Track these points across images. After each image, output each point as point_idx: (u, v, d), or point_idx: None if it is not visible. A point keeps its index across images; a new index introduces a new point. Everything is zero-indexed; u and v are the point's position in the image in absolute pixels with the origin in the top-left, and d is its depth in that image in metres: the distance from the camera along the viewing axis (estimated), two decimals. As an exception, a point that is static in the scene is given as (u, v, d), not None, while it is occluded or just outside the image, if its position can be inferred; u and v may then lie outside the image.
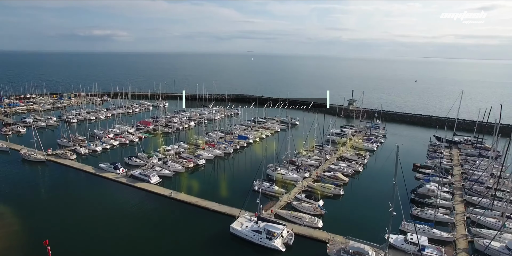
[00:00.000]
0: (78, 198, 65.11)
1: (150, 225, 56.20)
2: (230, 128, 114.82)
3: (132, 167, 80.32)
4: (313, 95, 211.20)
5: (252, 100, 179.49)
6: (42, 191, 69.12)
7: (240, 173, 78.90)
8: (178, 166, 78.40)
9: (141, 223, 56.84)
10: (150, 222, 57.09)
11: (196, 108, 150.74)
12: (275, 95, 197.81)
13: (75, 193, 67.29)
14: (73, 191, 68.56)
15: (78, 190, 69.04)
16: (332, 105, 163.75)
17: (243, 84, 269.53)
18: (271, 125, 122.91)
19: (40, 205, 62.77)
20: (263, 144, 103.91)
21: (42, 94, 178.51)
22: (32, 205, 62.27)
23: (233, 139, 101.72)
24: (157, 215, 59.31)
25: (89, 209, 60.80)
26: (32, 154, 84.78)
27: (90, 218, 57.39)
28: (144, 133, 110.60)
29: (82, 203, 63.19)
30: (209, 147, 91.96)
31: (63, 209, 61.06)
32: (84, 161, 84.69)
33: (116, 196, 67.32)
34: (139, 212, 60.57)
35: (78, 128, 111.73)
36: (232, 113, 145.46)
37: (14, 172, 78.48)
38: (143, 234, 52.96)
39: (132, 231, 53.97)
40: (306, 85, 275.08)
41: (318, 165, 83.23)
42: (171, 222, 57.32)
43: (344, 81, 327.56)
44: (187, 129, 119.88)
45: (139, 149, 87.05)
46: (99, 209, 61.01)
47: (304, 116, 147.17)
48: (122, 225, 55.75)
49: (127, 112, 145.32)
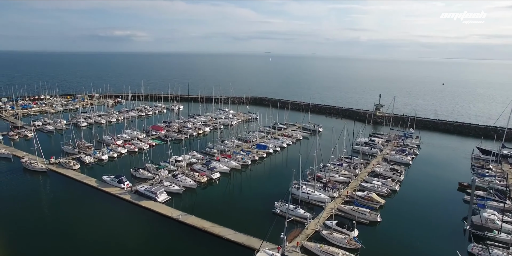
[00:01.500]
0: (77, 218, 57.39)
1: (154, 254, 47.79)
2: (248, 135, 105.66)
3: (139, 180, 72.33)
4: (335, 98, 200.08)
5: (271, 103, 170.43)
6: (38, 208, 61.53)
7: (259, 191, 69.38)
8: (190, 181, 69.70)
9: (145, 250, 48.59)
10: (154, 250, 48.67)
11: (212, 111, 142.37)
12: (296, 98, 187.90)
13: (73, 212, 59.60)
14: (72, 208, 60.88)
15: (77, 207, 61.30)
16: (356, 110, 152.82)
17: (262, 86, 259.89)
18: (292, 132, 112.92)
19: (33, 226, 55.20)
20: (284, 155, 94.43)
21: (55, 95, 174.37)
22: (23, 226, 54.85)
23: (251, 149, 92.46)
24: (163, 242, 50.73)
25: (87, 232, 53.10)
26: (33, 163, 78.03)
27: (87, 244, 49.70)
28: (155, 139, 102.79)
29: (80, 224, 55.49)
30: (225, 158, 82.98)
31: (58, 231, 53.55)
32: (88, 172, 77.27)
33: (119, 216, 59.20)
34: (143, 237, 52.25)
35: (87, 132, 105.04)
36: (250, 118, 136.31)
37: (11, 183, 71.72)
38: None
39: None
40: (327, 88, 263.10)
41: (348, 182, 72.98)
42: (178, 252, 48.76)
43: (366, 83, 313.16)
44: (201, 135, 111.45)
45: (148, 158, 78.98)
46: (99, 232, 53.22)
47: (327, 121, 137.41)
48: (123, 253, 47.63)
49: (139, 115, 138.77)
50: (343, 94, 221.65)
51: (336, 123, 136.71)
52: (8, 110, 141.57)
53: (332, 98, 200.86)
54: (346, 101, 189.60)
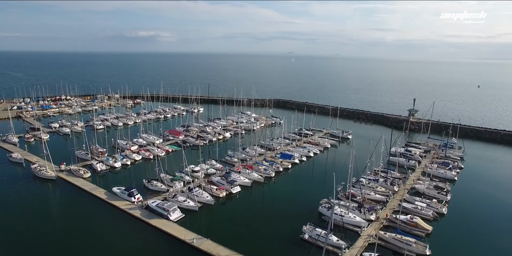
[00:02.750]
0: (81, 234, 51.99)
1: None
2: (271, 142, 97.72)
3: (151, 192, 66.00)
4: (364, 101, 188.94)
5: (296, 107, 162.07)
6: (41, 221, 56.22)
7: (284, 209, 61.26)
8: (206, 195, 62.59)
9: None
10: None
11: (233, 115, 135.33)
12: (321, 101, 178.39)
13: (78, 227, 54.06)
14: (77, 223, 55.33)
15: (83, 222, 55.60)
16: (387, 115, 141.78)
17: (285, 88, 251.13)
18: (319, 140, 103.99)
19: (34, 239, 50.43)
20: (311, 166, 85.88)
21: (76, 95, 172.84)
22: (25, 239, 49.91)
23: (275, 159, 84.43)
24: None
25: (90, 250, 47.84)
26: (43, 170, 73.31)
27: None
28: (172, 145, 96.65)
29: (83, 241, 50.25)
30: (246, 169, 75.40)
31: (60, 247, 48.73)
32: (99, 181, 71.75)
33: (126, 235, 52.77)
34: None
35: (102, 136, 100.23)
36: (273, 122, 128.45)
37: (19, 191, 67.23)
38: None
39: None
40: (354, 90, 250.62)
41: (385, 201, 63.75)
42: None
43: (396, 86, 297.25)
44: (221, 140, 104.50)
45: (163, 167, 72.64)
46: (103, 252, 47.63)
47: (356, 127, 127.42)
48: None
49: (158, 118, 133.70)
50: (372, 97, 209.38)
51: (366, 129, 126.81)
52: (28, 111, 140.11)
53: (361, 101, 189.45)
54: (376, 105, 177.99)
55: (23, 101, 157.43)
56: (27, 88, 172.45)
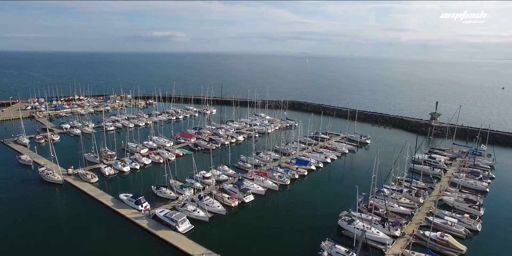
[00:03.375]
0: (84, 243, 49.27)
1: None
2: (286, 146, 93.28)
3: (160, 199, 62.63)
4: (381, 104, 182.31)
5: (311, 109, 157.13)
6: (44, 228, 53.63)
7: (300, 221, 56.89)
8: (218, 205, 58.72)
9: None
10: None
11: (247, 117, 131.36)
12: (337, 103, 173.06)
13: (81, 235, 51.43)
14: (80, 231, 52.63)
15: (87, 230, 52.73)
16: (407, 118, 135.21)
17: (300, 89, 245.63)
18: (337, 144, 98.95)
19: (35, 247, 47.70)
20: (328, 173, 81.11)
21: (89, 95, 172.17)
22: (25, 246, 46.95)
23: (290, 165, 80.00)
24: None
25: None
26: (50, 173, 70.92)
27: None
28: (183, 148, 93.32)
29: (85, 251, 47.13)
30: (260, 176, 71.26)
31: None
32: (106, 186, 68.90)
33: (131, 246, 49.41)
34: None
35: (112, 138, 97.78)
36: (288, 125, 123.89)
37: (25, 195, 64.99)
38: None
39: None
40: (371, 92, 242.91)
41: (410, 215, 58.57)
42: None
43: (414, 87, 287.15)
44: (234, 144, 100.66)
45: (173, 172, 69.31)
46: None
47: (374, 131, 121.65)
48: None
49: (169, 119, 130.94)
50: (390, 100, 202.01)
51: (385, 133, 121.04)
52: (41, 111, 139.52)
53: (378, 103, 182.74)
54: (394, 107, 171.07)
55: (37, 101, 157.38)
56: (40, 88, 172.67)
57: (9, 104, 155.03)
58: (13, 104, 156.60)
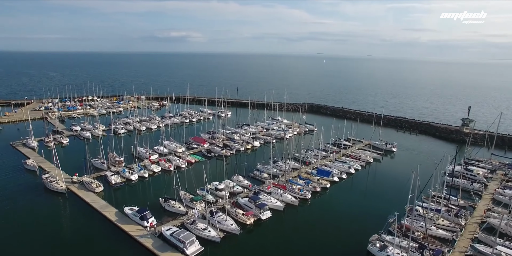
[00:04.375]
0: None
1: None
2: (306, 154, 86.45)
3: (168, 214, 57.05)
4: (406, 107, 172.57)
5: (330, 112, 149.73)
6: (41, 243, 48.93)
7: (323, 245, 50.08)
8: (231, 223, 52.53)
9: None
10: None
11: (263, 121, 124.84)
12: (358, 106, 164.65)
13: (79, 254, 45.88)
14: (78, 249, 47.42)
15: (85, 248, 47.46)
16: (435, 124, 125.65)
17: (318, 91, 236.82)
18: (360, 153, 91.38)
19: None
20: (352, 185, 73.87)
21: (103, 96, 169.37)
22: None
23: (311, 176, 73.14)
24: None
25: None
26: (53, 181, 66.45)
27: None
28: (195, 154, 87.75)
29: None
30: (278, 189, 64.75)
31: None
32: (111, 196, 63.83)
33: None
34: None
35: (122, 142, 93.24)
36: (306, 130, 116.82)
37: (25, 205, 60.47)
38: None
39: None
40: (393, 94, 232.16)
41: (452, 240, 50.88)
42: None
43: (438, 89, 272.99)
44: (249, 150, 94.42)
45: (184, 181, 63.71)
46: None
47: (399, 138, 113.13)
48: None
49: (183, 122, 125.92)
50: (414, 103, 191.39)
51: (411, 140, 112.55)
52: (54, 112, 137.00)
53: (401, 107, 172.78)
54: (419, 111, 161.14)
55: (51, 101, 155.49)
56: (56, 88, 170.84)
57: (23, 105, 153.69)
58: (28, 104, 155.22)
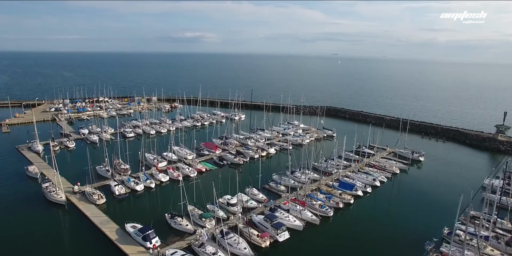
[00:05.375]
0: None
1: None
2: (326, 163, 79.48)
3: (174, 231, 51.28)
4: (428, 111, 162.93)
5: (349, 116, 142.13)
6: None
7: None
8: (244, 246, 46.22)
9: None
10: None
11: (279, 125, 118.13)
12: (379, 109, 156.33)
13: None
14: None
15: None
16: (464, 130, 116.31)
17: (335, 93, 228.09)
18: (385, 162, 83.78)
19: None
20: (378, 200, 66.55)
21: (114, 97, 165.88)
22: None
23: (332, 190, 66.20)
24: None
25: None
26: (53, 191, 61.62)
27: None
28: (206, 162, 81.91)
29: None
30: (296, 205, 58.11)
31: None
32: (113, 210, 58.56)
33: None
34: None
35: (131, 146, 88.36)
36: (325, 135, 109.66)
37: (21, 220, 55.68)
38: None
39: None
40: (414, 97, 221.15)
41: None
42: None
43: (462, 92, 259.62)
44: (264, 158, 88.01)
45: (193, 194, 57.92)
46: None
47: (426, 145, 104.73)
48: None
49: (194, 126, 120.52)
50: (438, 106, 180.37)
51: (439, 148, 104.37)
52: (64, 113, 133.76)
53: (426, 111, 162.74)
54: (445, 116, 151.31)
55: (62, 102, 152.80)
56: (66, 89, 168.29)
57: (35, 105, 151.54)
58: (39, 105, 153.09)
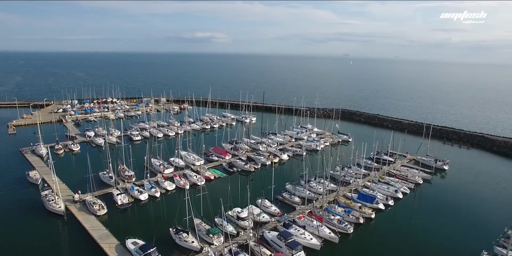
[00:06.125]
0: None
1: None
2: (343, 172, 74.07)
3: (179, 249, 46.79)
4: (447, 114, 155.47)
5: (364, 119, 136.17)
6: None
7: None
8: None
9: None
10: None
11: (292, 129, 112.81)
12: (395, 113, 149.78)
13: None
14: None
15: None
16: (490, 136, 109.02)
17: (348, 95, 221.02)
18: (406, 171, 77.86)
19: None
20: (401, 215, 60.80)
21: (123, 97, 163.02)
22: None
23: (351, 203, 60.78)
24: None
25: None
26: (52, 200, 57.79)
27: None
28: (215, 169, 77.31)
29: None
30: (313, 220, 52.94)
31: None
32: (114, 222, 54.37)
33: None
34: None
35: (136, 150, 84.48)
36: (340, 140, 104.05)
37: (16, 230, 52.11)
38: None
39: None
40: (431, 99, 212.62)
41: None
42: None
43: (482, 95, 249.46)
44: (276, 164, 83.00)
45: (200, 205, 53.29)
46: None
47: (450, 152, 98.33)
48: None
49: (204, 129, 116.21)
50: (458, 110, 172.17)
51: (464, 155, 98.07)
52: (71, 115, 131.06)
53: (445, 115, 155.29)
54: (466, 120, 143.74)
55: (70, 103, 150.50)
56: (76, 89, 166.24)
57: (43, 106, 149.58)
58: (48, 106, 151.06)
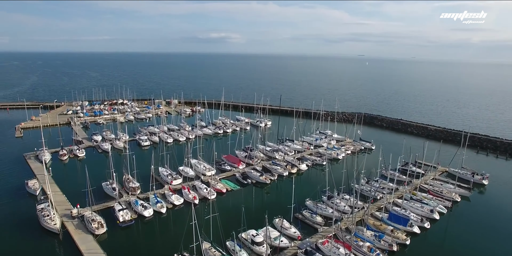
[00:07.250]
0: None
1: None
2: (368, 186, 66.41)
3: (185, 282, 40.28)
4: (479, 120, 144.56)
5: (386, 125, 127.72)
6: None
7: None
8: None
9: None
10: None
11: (310, 135, 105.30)
12: (421, 118, 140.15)
13: None
14: None
15: None
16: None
17: (368, 98, 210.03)
18: (440, 186, 69.54)
19: None
20: (438, 241, 52.75)
21: (134, 99, 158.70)
22: None
23: (382, 226, 53.12)
24: None
25: None
26: (47, 216, 52.29)
27: None
28: (227, 181, 70.78)
29: None
30: (339, 247, 45.71)
31: None
32: (114, 243, 48.47)
33: None
34: None
35: (144, 157, 78.85)
36: (362, 148, 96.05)
37: (7, 249, 46.70)
38: None
39: None
40: (457, 102, 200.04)
41: None
42: None
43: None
44: (294, 175, 75.97)
45: (209, 225, 46.83)
46: None
47: (486, 164, 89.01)
48: None
49: (216, 133, 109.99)
50: (489, 114, 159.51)
51: (501, 166, 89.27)
52: (80, 117, 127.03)
53: (476, 121, 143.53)
54: (499, 126, 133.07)
55: (80, 104, 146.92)
56: (86, 90, 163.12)
57: (53, 107, 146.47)
58: (58, 107, 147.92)
